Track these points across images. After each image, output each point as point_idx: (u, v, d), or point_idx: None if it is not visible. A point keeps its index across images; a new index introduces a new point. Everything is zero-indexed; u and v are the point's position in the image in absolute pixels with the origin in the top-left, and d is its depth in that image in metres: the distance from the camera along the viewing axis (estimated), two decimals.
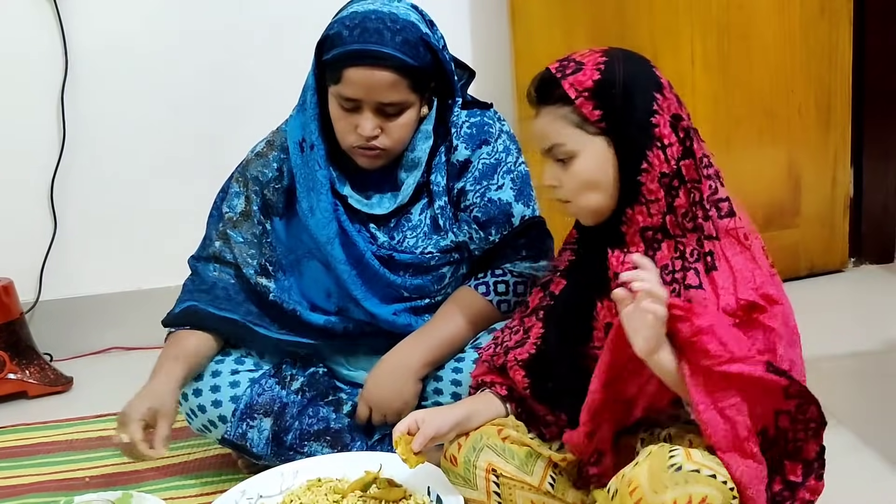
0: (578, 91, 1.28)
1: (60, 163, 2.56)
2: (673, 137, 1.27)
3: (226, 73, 2.57)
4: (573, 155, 1.31)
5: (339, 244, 1.67)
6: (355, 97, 1.58)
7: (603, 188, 1.31)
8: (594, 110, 1.28)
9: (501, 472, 1.37)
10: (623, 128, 1.28)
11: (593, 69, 1.29)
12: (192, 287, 1.77)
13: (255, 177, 1.73)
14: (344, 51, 1.56)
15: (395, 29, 1.56)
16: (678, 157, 1.27)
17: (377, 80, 1.56)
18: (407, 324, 1.72)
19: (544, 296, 1.47)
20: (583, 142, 1.30)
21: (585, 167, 1.30)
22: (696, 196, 1.27)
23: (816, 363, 1.99)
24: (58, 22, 2.49)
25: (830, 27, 2.55)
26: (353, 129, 1.60)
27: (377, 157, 1.64)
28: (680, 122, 1.28)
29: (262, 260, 1.73)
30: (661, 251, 1.29)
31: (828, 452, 1.68)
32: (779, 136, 2.59)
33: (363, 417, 1.69)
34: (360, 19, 1.56)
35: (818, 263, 2.71)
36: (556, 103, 1.30)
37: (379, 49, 1.55)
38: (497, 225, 1.70)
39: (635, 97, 1.28)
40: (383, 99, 1.58)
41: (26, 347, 2.43)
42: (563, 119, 1.30)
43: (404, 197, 1.69)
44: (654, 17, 2.45)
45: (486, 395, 1.49)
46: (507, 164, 1.71)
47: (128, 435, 1.51)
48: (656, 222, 1.28)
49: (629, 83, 1.28)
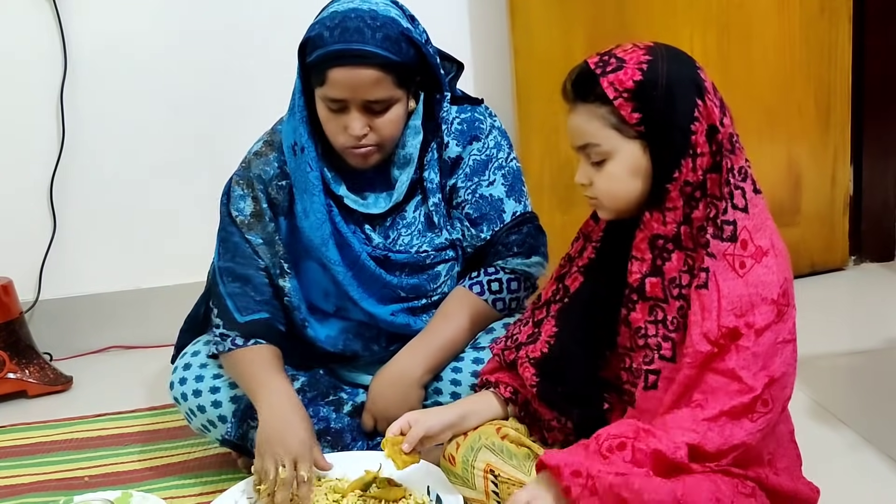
0: (618, 91, 1.23)
1: (60, 162, 2.56)
2: (706, 147, 1.22)
3: (225, 72, 2.57)
4: (607, 157, 1.26)
5: (333, 245, 1.67)
6: (341, 98, 1.57)
7: (633, 191, 1.27)
8: (633, 113, 1.23)
9: (499, 473, 1.36)
10: (662, 133, 1.23)
11: (635, 68, 1.23)
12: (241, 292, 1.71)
13: (258, 175, 1.72)
14: (326, 52, 1.55)
15: (375, 26, 1.55)
16: (706, 168, 1.23)
17: (361, 79, 1.55)
18: (405, 323, 1.72)
19: (558, 288, 1.44)
20: (619, 145, 1.25)
21: (619, 171, 1.26)
22: (712, 211, 1.23)
23: (817, 361, 2.00)
24: (57, 22, 2.49)
25: (830, 26, 2.55)
26: (343, 129, 1.60)
27: (369, 155, 1.64)
28: (716, 133, 1.23)
29: (277, 259, 1.72)
30: (670, 262, 1.26)
31: (828, 451, 1.68)
32: (778, 135, 2.59)
33: (369, 428, 1.68)
34: (340, 19, 1.56)
35: (818, 262, 2.70)
36: (594, 101, 1.25)
37: (360, 48, 1.54)
38: (489, 221, 1.70)
39: (677, 101, 1.22)
40: (369, 97, 1.57)
41: (26, 347, 2.43)
42: (601, 119, 1.25)
43: (399, 195, 1.69)
44: (654, 15, 2.45)
45: (485, 395, 1.48)
46: (499, 160, 1.71)
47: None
48: (670, 231, 1.25)
49: (672, 86, 1.22)
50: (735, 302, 1.21)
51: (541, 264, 1.73)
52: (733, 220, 1.23)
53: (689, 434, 1.18)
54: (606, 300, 1.34)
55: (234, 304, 1.69)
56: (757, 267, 1.22)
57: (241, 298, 1.69)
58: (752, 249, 1.23)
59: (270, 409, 1.56)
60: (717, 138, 1.23)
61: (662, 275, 1.26)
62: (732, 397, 1.19)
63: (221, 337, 1.68)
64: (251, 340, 1.66)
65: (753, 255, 1.22)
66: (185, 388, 1.72)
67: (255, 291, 1.69)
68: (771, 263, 1.23)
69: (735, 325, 1.20)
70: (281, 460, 1.47)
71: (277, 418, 1.54)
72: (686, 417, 1.20)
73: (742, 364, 1.19)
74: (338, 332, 1.75)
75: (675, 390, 1.23)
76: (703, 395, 1.21)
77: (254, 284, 1.69)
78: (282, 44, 1.63)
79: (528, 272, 1.71)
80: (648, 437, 1.18)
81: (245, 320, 1.68)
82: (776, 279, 1.23)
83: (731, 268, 1.22)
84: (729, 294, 1.21)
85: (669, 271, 1.26)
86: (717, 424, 1.19)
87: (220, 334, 1.69)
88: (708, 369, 1.21)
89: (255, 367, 1.63)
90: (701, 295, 1.22)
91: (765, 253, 1.23)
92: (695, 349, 1.21)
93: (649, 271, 1.27)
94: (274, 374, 1.62)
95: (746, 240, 1.23)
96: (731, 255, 1.22)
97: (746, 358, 1.20)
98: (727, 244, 1.22)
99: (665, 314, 1.26)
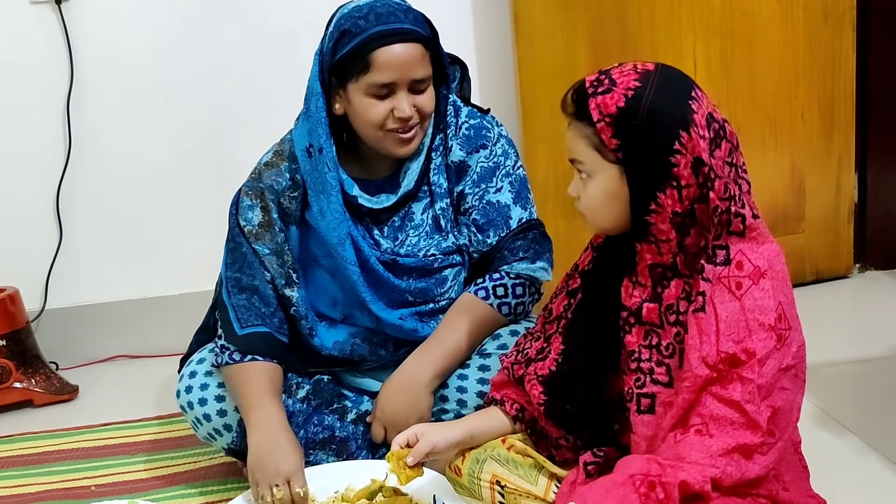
0: (601, 115, 1.22)
1: (66, 171, 2.57)
2: (692, 179, 1.20)
3: (232, 82, 2.57)
4: (590, 175, 1.27)
5: (350, 245, 1.67)
6: (390, 80, 1.59)
7: (610, 214, 1.27)
8: (612, 138, 1.22)
9: (506, 483, 1.36)
10: (637, 162, 1.22)
11: (621, 94, 1.21)
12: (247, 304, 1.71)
13: (269, 186, 1.72)
14: (367, 35, 1.58)
15: (404, 8, 1.62)
16: (693, 198, 1.21)
17: (409, 56, 1.59)
18: (413, 328, 1.73)
19: (569, 304, 1.43)
20: (599, 166, 1.25)
21: (598, 191, 1.26)
22: (702, 242, 1.22)
23: (821, 369, 2.00)
24: (63, 32, 2.50)
25: (834, 33, 2.55)
26: (389, 113, 1.61)
27: (413, 137, 1.65)
28: (701, 166, 1.20)
29: (286, 269, 1.72)
30: (669, 289, 1.25)
31: (833, 458, 1.68)
32: (782, 142, 2.59)
33: (378, 438, 1.68)
34: (369, 8, 1.60)
35: (823, 269, 2.70)
36: (582, 120, 1.25)
37: (401, 26, 1.58)
38: (495, 227, 1.71)
39: (656, 133, 1.20)
40: (416, 75, 1.60)
41: (32, 356, 2.44)
42: (586, 139, 1.25)
43: (409, 183, 1.70)
44: (656, 24, 2.45)
45: (493, 411, 1.47)
46: (506, 168, 1.72)
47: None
48: (666, 261, 1.25)
49: (653, 117, 1.20)
50: (732, 327, 1.20)
51: (546, 269, 1.73)
52: (726, 245, 1.22)
53: (710, 470, 1.17)
54: (608, 320, 1.33)
55: (236, 315, 1.69)
56: (754, 289, 1.21)
57: (244, 310, 1.69)
58: (749, 269, 1.21)
59: (260, 432, 1.57)
60: (703, 171, 1.20)
61: (661, 301, 1.26)
62: (739, 432, 1.18)
63: (221, 349, 1.69)
64: (248, 357, 1.67)
65: (750, 276, 1.21)
66: (190, 397, 1.72)
67: (262, 302, 1.70)
68: (767, 286, 1.21)
69: (734, 352, 1.19)
70: (274, 482, 1.50)
71: (267, 441, 1.55)
72: (698, 448, 1.19)
73: (747, 398, 1.18)
74: (345, 337, 1.76)
75: (674, 414, 1.22)
76: (703, 420, 1.20)
77: (260, 295, 1.70)
78: (291, 55, 1.64)
79: (534, 277, 1.71)
80: (676, 470, 1.17)
81: (243, 333, 1.68)
82: (772, 304, 1.21)
83: (728, 289, 1.21)
84: (727, 318, 1.20)
85: (668, 298, 1.25)
86: (733, 460, 1.18)
87: (220, 346, 1.70)
88: (709, 393, 1.20)
89: (248, 386, 1.64)
90: (699, 319, 1.21)
91: (762, 274, 1.22)
92: (693, 373, 1.20)
93: (649, 297, 1.27)
94: (265, 395, 1.63)
95: (742, 261, 1.22)
96: (727, 277, 1.21)
97: (751, 391, 1.18)
98: (721, 268, 1.21)
99: (660, 339, 1.26)
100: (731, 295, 1.20)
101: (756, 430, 1.18)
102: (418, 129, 1.65)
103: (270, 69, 2.54)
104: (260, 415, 1.60)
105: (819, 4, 2.52)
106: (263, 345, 1.68)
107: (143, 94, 2.56)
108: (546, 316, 1.47)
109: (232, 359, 1.67)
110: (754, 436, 1.18)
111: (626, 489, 1.17)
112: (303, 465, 1.55)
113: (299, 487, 1.50)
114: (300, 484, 1.51)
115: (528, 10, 2.40)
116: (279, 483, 1.50)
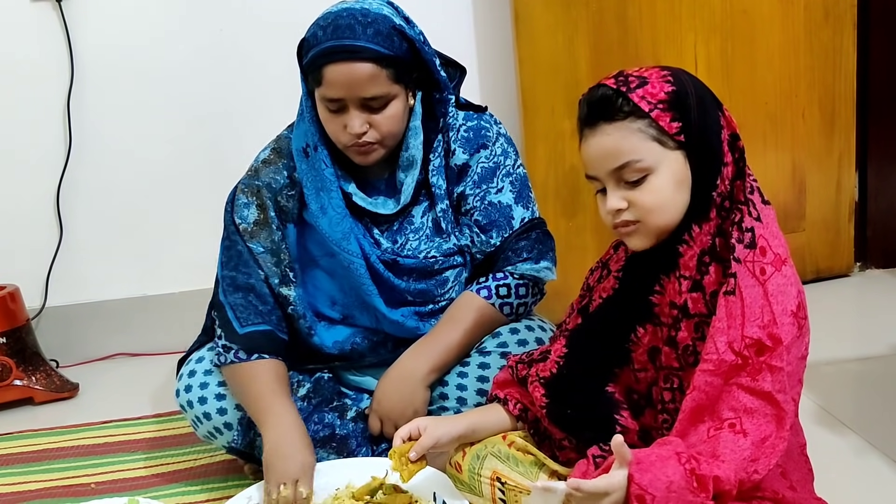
0: (652, 103, 1.21)
1: (66, 170, 2.57)
2: (730, 157, 1.23)
3: (231, 81, 2.58)
4: (650, 171, 1.22)
5: (354, 239, 1.67)
6: (338, 97, 1.59)
7: (680, 204, 1.24)
8: (672, 122, 1.21)
9: (506, 480, 1.36)
10: (701, 140, 1.22)
11: (661, 81, 1.22)
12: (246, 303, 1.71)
13: (267, 184, 1.72)
14: (319, 50, 1.57)
15: (366, 22, 1.57)
16: (732, 177, 1.23)
17: (356, 75, 1.56)
18: (415, 327, 1.72)
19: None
20: (662, 156, 1.22)
21: (664, 183, 1.23)
22: (736, 216, 1.22)
23: (822, 367, 2.00)
24: (64, 31, 2.51)
25: (834, 32, 2.55)
26: (343, 129, 1.61)
27: (371, 151, 1.64)
28: (737, 141, 1.23)
29: (281, 268, 1.72)
30: (709, 275, 1.24)
31: (834, 456, 1.68)
32: (783, 141, 2.60)
33: (375, 430, 1.68)
34: (333, 18, 1.58)
35: (823, 268, 2.70)
36: (625, 118, 1.22)
37: (352, 43, 1.55)
38: (498, 228, 1.70)
39: (707, 112, 1.23)
40: (365, 94, 1.58)
41: (32, 354, 2.44)
42: (640, 133, 1.21)
43: (406, 197, 1.70)
44: (657, 23, 2.45)
45: (495, 407, 1.48)
46: (506, 167, 1.72)
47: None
48: (706, 243, 1.24)
49: (701, 95, 1.23)
50: (757, 312, 1.19)
51: (550, 269, 1.73)
52: (751, 227, 1.22)
53: (741, 474, 1.16)
54: (619, 321, 1.32)
55: (235, 314, 1.69)
56: (777, 275, 1.21)
57: (242, 309, 1.69)
58: (772, 256, 1.22)
59: (276, 433, 1.57)
60: (739, 145, 1.24)
61: (703, 289, 1.24)
62: (770, 422, 1.18)
63: (224, 349, 1.68)
64: (254, 355, 1.67)
65: (773, 263, 1.21)
66: (190, 396, 1.72)
67: (259, 300, 1.69)
68: (789, 273, 1.22)
69: (759, 337, 1.18)
70: (282, 482, 1.51)
71: (284, 444, 1.56)
72: (731, 448, 1.17)
73: (778, 387, 1.18)
74: (345, 337, 1.76)
75: (695, 396, 1.20)
76: (737, 415, 1.18)
77: (257, 293, 1.69)
78: (287, 52, 1.64)
79: (537, 277, 1.71)
80: (712, 466, 1.15)
81: (244, 331, 1.67)
82: (794, 290, 1.22)
83: (752, 274, 1.20)
84: (751, 303, 1.19)
85: (709, 285, 1.24)
86: (764, 454, 1.17)
87: (222, 346, 1.69)
88: (738, 385, 1.19)
89: (259, 385, 1.64)
90: (729, 302, 1.20)
91: (783, 261, 1.22)
92: (720, 357, 1.19)
93: (691, 287, 1.25)
94: (278, 396, 1.63)
95: (765, 247, 1.22)
96: (752, 262, 1.21)
97: (781, 381, 1.18)
98: (748, 251, 1.21)
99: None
100: (754, 280, 1.20)
101: (785, 419, 1.18)
102: (376, 146, 1.63)
103: (270, 67, 2.54)
104: (275, 416, 1.60)
105: (820, 3, 2.52)
106: (266, 342, 1.68)
107: (143, 92, 2.57)
108: (564, 329, 1.45)
109: (238, 357, 1.66)
110: (783, 424, 1.18)
111: (672, 463, 1.15)
112: (313, 468, 1.56)
113: (304, 489, 1.51)
114: (306, 486, 1.52)
115: (528, 9, 2.40)
116: (287, 482, 1.51)
